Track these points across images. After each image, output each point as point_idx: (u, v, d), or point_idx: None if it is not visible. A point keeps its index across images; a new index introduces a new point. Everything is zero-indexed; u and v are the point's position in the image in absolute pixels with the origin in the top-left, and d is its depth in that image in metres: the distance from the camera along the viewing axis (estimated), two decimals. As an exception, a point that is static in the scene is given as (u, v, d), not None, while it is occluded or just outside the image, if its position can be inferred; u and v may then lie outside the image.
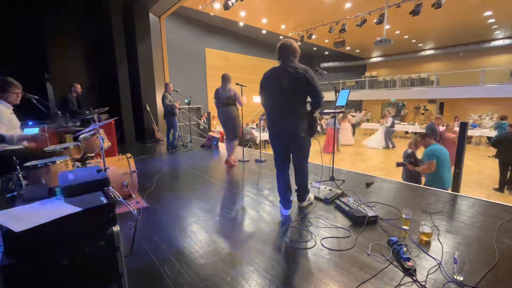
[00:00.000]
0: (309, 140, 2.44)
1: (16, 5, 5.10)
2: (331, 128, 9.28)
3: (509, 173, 5.56)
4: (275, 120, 2.40)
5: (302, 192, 2.59)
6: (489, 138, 10.76)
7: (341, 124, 10.82)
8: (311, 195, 2.71)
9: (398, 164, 4.09)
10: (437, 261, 1.71)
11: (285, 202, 2.50)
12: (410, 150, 4.24)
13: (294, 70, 2.22)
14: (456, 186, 3.26)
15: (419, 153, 4.18)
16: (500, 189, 5.61)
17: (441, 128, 6.18)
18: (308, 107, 2.42)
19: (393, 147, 10.65)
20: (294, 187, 2.67)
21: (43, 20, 5.41)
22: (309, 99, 2.36)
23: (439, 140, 5.80)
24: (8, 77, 2.55)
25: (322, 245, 1.95)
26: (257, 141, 10.20)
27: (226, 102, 4.03)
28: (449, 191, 3.25)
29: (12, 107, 2.59)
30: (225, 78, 4.04)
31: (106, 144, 2.95)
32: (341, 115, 10.24)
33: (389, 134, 10.81)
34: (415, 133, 13.04)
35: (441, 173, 3.53)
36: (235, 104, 4.10)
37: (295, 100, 2.29)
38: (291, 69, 2.23)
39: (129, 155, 3.07)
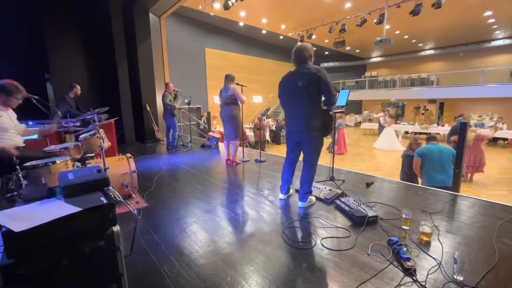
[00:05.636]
0: (321, 139, 2.55)
1: (16, 4, 5.10)
2: (341, 129, 9.30)
3: None
4: (290, 118, 2.60)
5: (305, 191, 2.61)
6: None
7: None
8: (312, 197, 2.73)
9: None
10: (437, 261, 1.71)
11: (284, 188, 2.81)
12: (409, 151, 4.26)
13: (308, 70, 2.39)
14: (456, 186, 3.26)
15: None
16: None
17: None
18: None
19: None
20: (296, 186, 2.67)
21: (43, 19, 5.41)
22: (323, 98, 2.46)
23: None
24: (17, 82, 2.48)
25: (322, 245, 1.95)
26: (252, 140, 10.22)
27: (226, 101, 4.12)
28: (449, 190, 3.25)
29: (3, 109, 2.46)
30: (226, 78, 4.13)
31: (106, 144, 2.95)
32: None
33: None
34: (415, 133, 13.05)
35: (428, 171, 3.71)
36: (235, 104, 4.16)
37: (308, 99, 2.42)
38: (305, 70, 2.40)
39: (129, 155, 3.07)
